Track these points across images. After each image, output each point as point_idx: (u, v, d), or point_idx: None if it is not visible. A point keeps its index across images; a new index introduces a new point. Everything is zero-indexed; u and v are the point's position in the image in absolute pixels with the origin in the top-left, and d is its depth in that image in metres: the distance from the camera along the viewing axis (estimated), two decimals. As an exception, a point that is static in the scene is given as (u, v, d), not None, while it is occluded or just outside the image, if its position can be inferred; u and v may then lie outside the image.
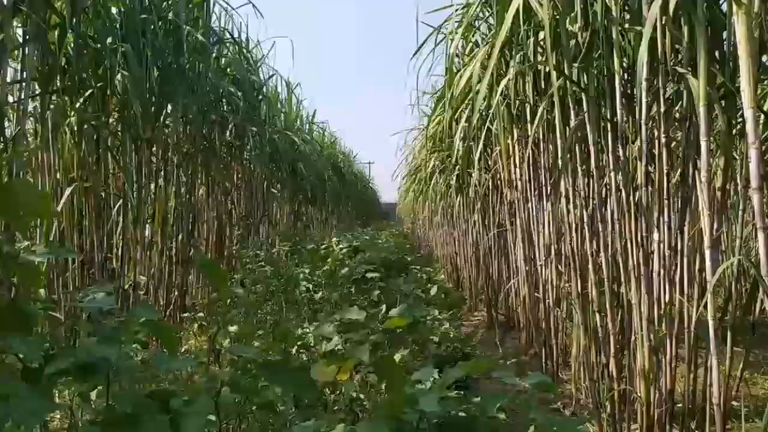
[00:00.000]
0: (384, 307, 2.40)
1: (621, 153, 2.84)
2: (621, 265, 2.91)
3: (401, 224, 21.02)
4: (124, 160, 3.65)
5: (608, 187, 3.06)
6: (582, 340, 3.09)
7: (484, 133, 5.13)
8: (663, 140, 2.56)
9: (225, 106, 5.74)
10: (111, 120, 4.07)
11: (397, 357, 2.31)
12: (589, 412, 3.32)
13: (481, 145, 5.72)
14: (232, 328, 2.23)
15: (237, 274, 4.25)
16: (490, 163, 5.72)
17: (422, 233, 16.61)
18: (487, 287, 6.48)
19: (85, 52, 3.40)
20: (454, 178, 6.67)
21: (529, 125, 3.78)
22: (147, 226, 4.41)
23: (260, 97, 6.09)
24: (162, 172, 4.47)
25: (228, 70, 5.27)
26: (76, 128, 3.61)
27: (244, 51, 5.43)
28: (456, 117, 4.89)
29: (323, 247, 3.59)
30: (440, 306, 3.65)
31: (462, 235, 7.55)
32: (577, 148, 3.08)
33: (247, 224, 7.17)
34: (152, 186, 4.17)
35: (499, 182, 5.50)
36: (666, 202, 2.57)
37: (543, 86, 3.27)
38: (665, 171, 2.55)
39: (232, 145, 5.97)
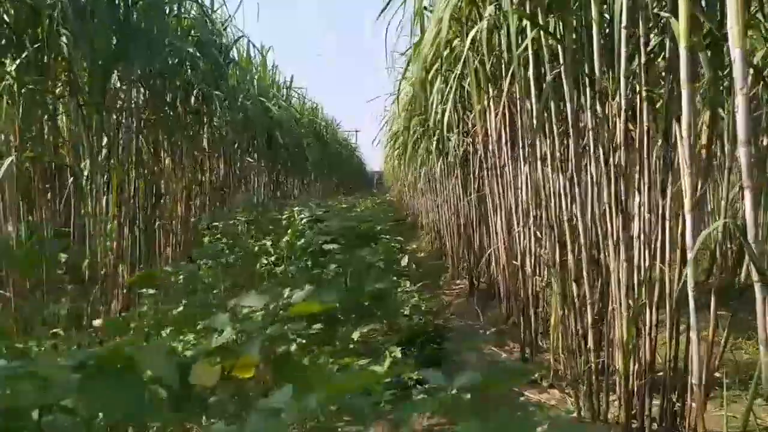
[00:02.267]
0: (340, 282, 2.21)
1: (600, 111, 2.63)
2: (600, 231, 2.74)
3: (390, 192, 20.82)
4: (76, 127, 3.38)
5: (587, 148, 2.86)
6: (560, 310, 2.93)
7: (458, 93, 4.88)
8: (644, 94, 2.35)
9: (189, 71, 5.44)
10: (59, 84, 3.78)
11: (355, 335, 2.13)
12: (568, 384, 3.19)
13: (459, 107, 5.49)
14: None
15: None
16: (469, 125, 5.49)
17: (408, 201, 16.42)
18: (468, 255, 6.32)
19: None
20: (434, 142, 6.44)
21: (504, 83, 3.54)
22: (105, 198, 4.16)
23: (227, 61, 5.78)
24: (120, 140, 4.20)
25: (192, 32, 4.95)
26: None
27: (205, 9, 5.10)
28: (430, 78, 4.63)
29: (285, 217, 3.39)
30: (418, 277, 3.47)
31: (444, 201, 7.36)
32: (553, 106, 2.86)
33: (222, 195, 6.93)
34: (107, 155, 3.91)
35: (478, 146, 5.28)
36: (646, 162, 2.38)
37: (519, 41, 3.03)
38: (646, 128, 2.35)
39: (198, 112, 5.68)
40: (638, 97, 2.48)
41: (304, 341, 2.00)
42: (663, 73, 2.62)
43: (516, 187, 3.73)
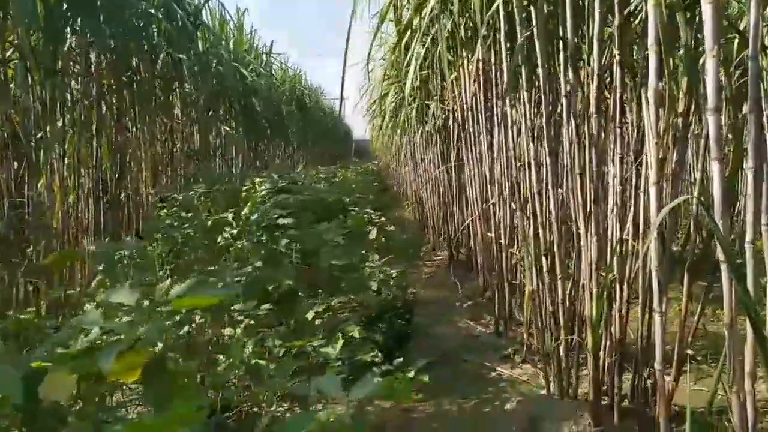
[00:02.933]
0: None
1: (573, 76, 2.48)
2: (573, 204, 2.62)
3: (376, 162, 20.58)
4: (25, 93, 3.18)
5: (560, 115, 2.72)
6: (531, 285, 2.83)
7: (436, 58, 4.70)
8: (617, 58, 2.20)
9: (155, 34, 5.19)
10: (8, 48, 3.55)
11: (310, 314, 2.01)
12: (539, 359, 3.11)
13: (437, 73, 5.30)
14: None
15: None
16: (447, 92, 5.31)
17: (393, 170, 16.24)
18: (447, 226, 6.21)
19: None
20: (413, 110, 6.26)
21: (479, 47, 3.37)
22: (63, 168, 3.98)
23: (196, 23, 5.52)
24: (76, 107, 4.00)
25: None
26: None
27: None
28: (406, 41, 4.43)
29: (245, 189, 3.23)
30: (394, 249, 3.35)
31: (424, 171, 7.22)
32: (525, 72, 2.70)
33: (196, 164, 6.73)
34: (63, 123, 3.71)
35: (456, 113, 5.11)
36: (618, 130, 2.25)
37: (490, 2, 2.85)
38: (619, 95, 2.21)
39: (166, 78, 5.44)
40: (613, 61, 2.33)
41: (252, 322, 1.88)
42: (639, 38, 2.47)
43: (490, 157, 3.59)
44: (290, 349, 1.81)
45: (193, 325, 1.91)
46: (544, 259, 2.61)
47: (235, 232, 2.70)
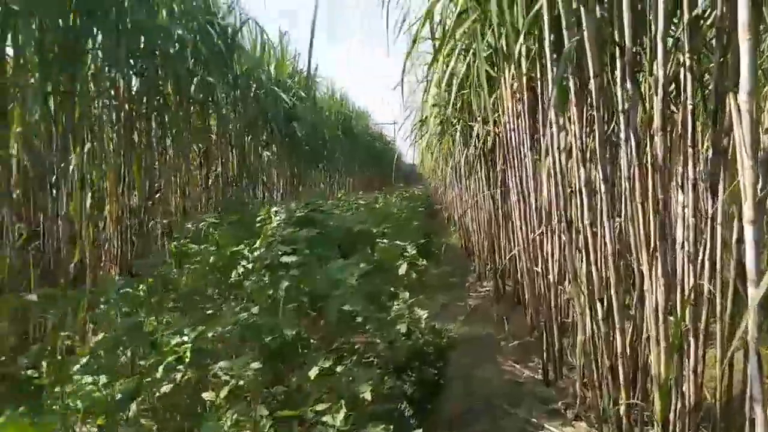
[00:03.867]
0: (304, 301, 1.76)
1: (632, 87, 2.09)
2: (634, 239, 2.20)
3: (426, 186, 20.25)
4: (30, 117, 3.03)
5: (617, 134, 2.33)
6: (582, 334, 2.41)
7: (477, 75, 4.35)
8: (687, 63, 1.81)
9: (190, 59, 5.08)
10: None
11: (312, 372, 1.67)
12: (595, 417, 2.66)
13: (480, 91, 4.95)
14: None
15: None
16: (491, 112, 4.94)
17: (441, 194, 15.86)
18: (493, 255, 5.79)
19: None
20: (457, 132, 5.92)
21: (522, 59, 3.02)
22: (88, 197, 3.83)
23: (231, 46, 5.38)
24: (100, 133, 3.86)
25: (176, 7, 4.55)
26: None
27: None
28: (444, 57, 4.12)
29: (259, 219, 2.94)
30: (435, 281, 2.99)
31: (470, 196, 6.84)
32: (573, 85, 2.33)
33: (234, 189, 6.59)
34: (81, 150, 3.57)
35: (502, 134, 4.74)
36: (691, 150, 1.84)
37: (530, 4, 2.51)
38: (690, 108, 1.81)
39: (202, 102, 5.32)
40: (682, 68, 1.94)
41: (240, 383, 1.58)
42: (713, 41, 2.06)
43: (536, 182, 3.20)
44: (279, 421, 1.48)
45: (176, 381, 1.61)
46: (598, 304, 2.19)
47: (249, 266, 2.42)
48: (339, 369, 1.97)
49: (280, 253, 2.02)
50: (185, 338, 1.65)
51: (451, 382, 3.08)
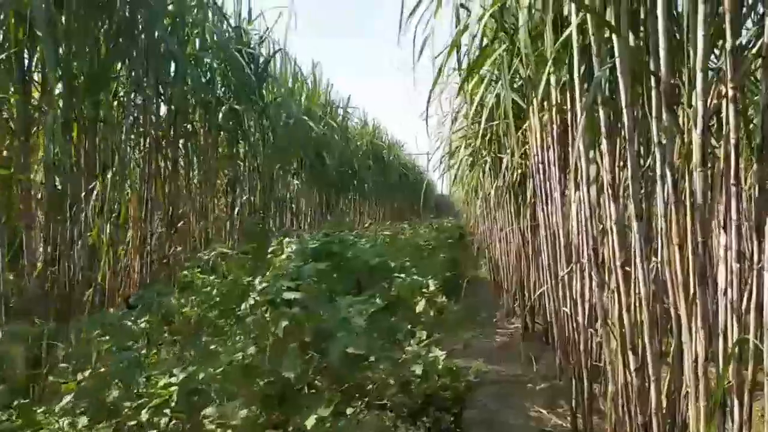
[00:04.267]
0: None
1: (667, 119, 1.94)
2: (670, 283, 2.02)
3: (458, 217, 20.03)
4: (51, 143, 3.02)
5: (652, 170, 2.17)
6: (612, 385, 2.22)
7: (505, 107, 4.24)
8: (731, 94, 1.66)
9: (220, 87, 5.11)
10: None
11: (309, 421, 1.54)
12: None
13: (508, 122, 4.82)
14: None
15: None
16: (521, 144, 4.81)
17: (473, 227, 15.62)
18: (521, 291, 5.58)
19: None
20: (486, 164, 5.79)
21: (552, 89, 2.89)
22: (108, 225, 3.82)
23: (262, 75, 5.40)
24: (122, 160, 3.87)
25: (209, 38, 4.59)
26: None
27: (237, 19, 4.74)
28: (471, 88, 4.02)
29: (270, 250, 2.84)
30: (448, 327, 2.85)
31: (499, 229, 6.65)
32: (604, 116, 2.19)
33: (261, 218, 6.56)
34: (104, 176, 3.56)
35: (527, 167, 4.59)
36: (734, 188, 1.67)
37: (560, 30, 2.39)
38: (733, 141, 1.65)
39: (231, 131, 5.33)
40: (724, 100, 1.79)
41: (229, 432, 1.45)
42: (759, 70, 1.91)
43: (564, 217, 3.03)
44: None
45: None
46: (630, 353, 2.01)
47: (255, 301, 2.31)
48: (349, 411, 1.84)
49: (283, 288, 1.92)
50: (173, 379, 1.54)
51: (470, 429, 2.89)
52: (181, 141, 4.55)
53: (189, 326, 2.06)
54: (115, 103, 3.78)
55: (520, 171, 5.26)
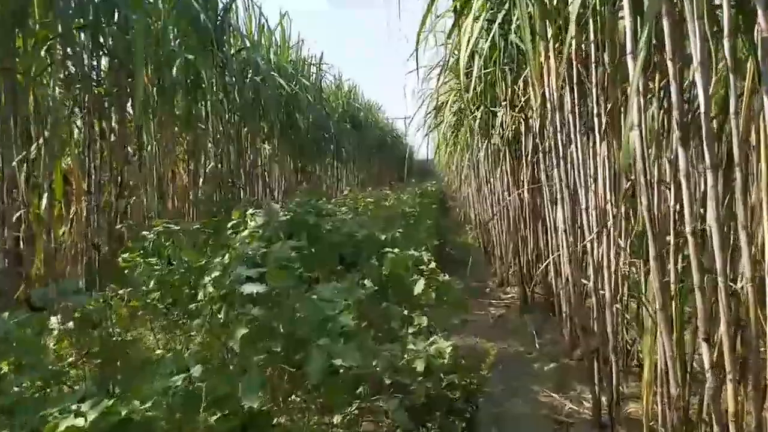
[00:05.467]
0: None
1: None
2: (743, 246, 1.53)
3: (440, 182, 19.54)
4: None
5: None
6: (660, 363, 1.75)
7: (504, 53, 3.71)
8: None
9: (173, 38, 4.46)
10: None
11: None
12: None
13: (507, 72, 4.29)
14: None
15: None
16: (519, 96, 4.28)
17: (455, 191, 15.14)
18: (519, 259, 5.12)
19: None
20: (476, 120, 5.25)
21: (571, 26, 2.35)
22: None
23: (219, 24, 4.73)
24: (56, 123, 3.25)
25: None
26: None
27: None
28: (464, 29, 3.46)
29: (230, 225, 2.29)
30: (445, 310, 2.35)
31: (490, 192, 6.16)
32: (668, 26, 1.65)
33: (230, 187, 5.96)
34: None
35: (531, 121, 4.07)
36: None
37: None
38: None
39: (189, 88, 4.68)
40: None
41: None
42: None
43: (587, 174, 2.53)
44: None
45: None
46: (704, 345, 1.52)
47: (212, 294, 1.75)
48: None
49: (243, 278, 1.39)
50: (79, 421, 1.03)
51: (478, 424, 2.42)
52: (129, 101, 3.92)
53: (112, 338, 1.52)
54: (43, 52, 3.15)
55: (514, 127, 4.75)
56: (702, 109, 1.47)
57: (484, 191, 6.56)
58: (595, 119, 2.39)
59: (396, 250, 2.36)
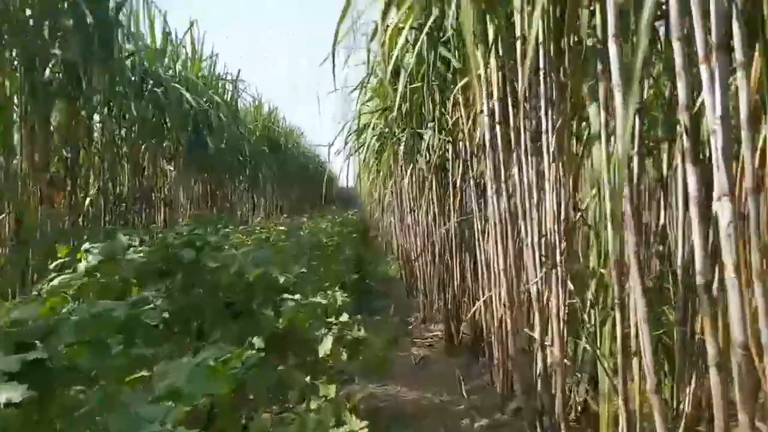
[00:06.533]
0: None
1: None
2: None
3: (362, 210, 19.14)
4: None
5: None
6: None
7: (434, 67, 3.33)
8: None
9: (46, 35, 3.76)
10: None
11: None
12: None
13: (435, 90, 3.92)
14: None
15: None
16: (448, 117, 3.90)
17: (378, 219, 14.76)
18: (445, 294, 4.70)
19: None
20: (401, 143, 4.85)
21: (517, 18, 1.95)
22: None
23: (105, 22, 4.06)
24: None
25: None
26: None
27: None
28: (389, 38, 3.04)
29: (53, 267, 1.70)
30: (370, 366, 1.85)
31: (414, 222, 5.75)
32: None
33: (121, 213, 5.21)
34: None
35: (461, 144, 3.68)
36: None
37: None
38: None
39: (68, 93, 3.97)
40: None
41: None
42: None
43: (530, 204, 2.12)
44: None
45: None
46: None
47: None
48: None
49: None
50: None
51: None
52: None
53: None
54: None
55: (441, 153, 4.37)
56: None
57: (407, 221, 6.14)
58: (543, 137, 1.99)
59: (297, 296, 1.83)
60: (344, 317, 1.80)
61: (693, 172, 1.18)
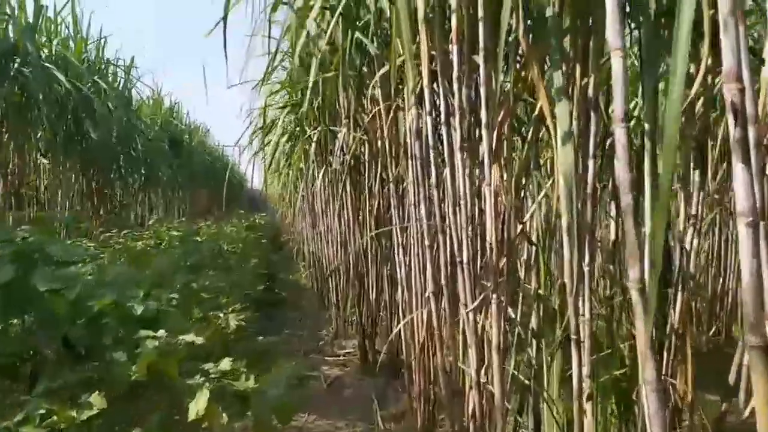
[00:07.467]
0: None
1: None
2: None
3: (274, 214, 18.35)
4: None
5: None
6: None
7: (349, 56, 2.91)
8: None
9: None
10: None
11: None
12: None
13: (350, 86, 3.50)
14: None
15: None
16: (364, 113, 3.49)
17: (289, 224, 14.12)
18: (359, 310, 4.29)
19: None
20: (312, 142, 4.40)
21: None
22: None
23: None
24: None
25: None
26: None
27: None
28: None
29: None
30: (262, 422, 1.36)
31: (327, 229, 5.30)
32: None
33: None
34: None
35: (379, 143, 3.28)
36: None
37: None
38: None
39: None
40: None
41: None
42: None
43: (465, 214, 1.75)
44: None
45: None
46: None
47: None
48: None
49: None
50: None
51: None
52: None
53: None
54: None
55: (354, 150, 3.96)
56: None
57: (320, 227, 5.67)
58: (484, 131, 1.61)
59: (162, 332, 1.35)
60: (225, 364, 1.32)
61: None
